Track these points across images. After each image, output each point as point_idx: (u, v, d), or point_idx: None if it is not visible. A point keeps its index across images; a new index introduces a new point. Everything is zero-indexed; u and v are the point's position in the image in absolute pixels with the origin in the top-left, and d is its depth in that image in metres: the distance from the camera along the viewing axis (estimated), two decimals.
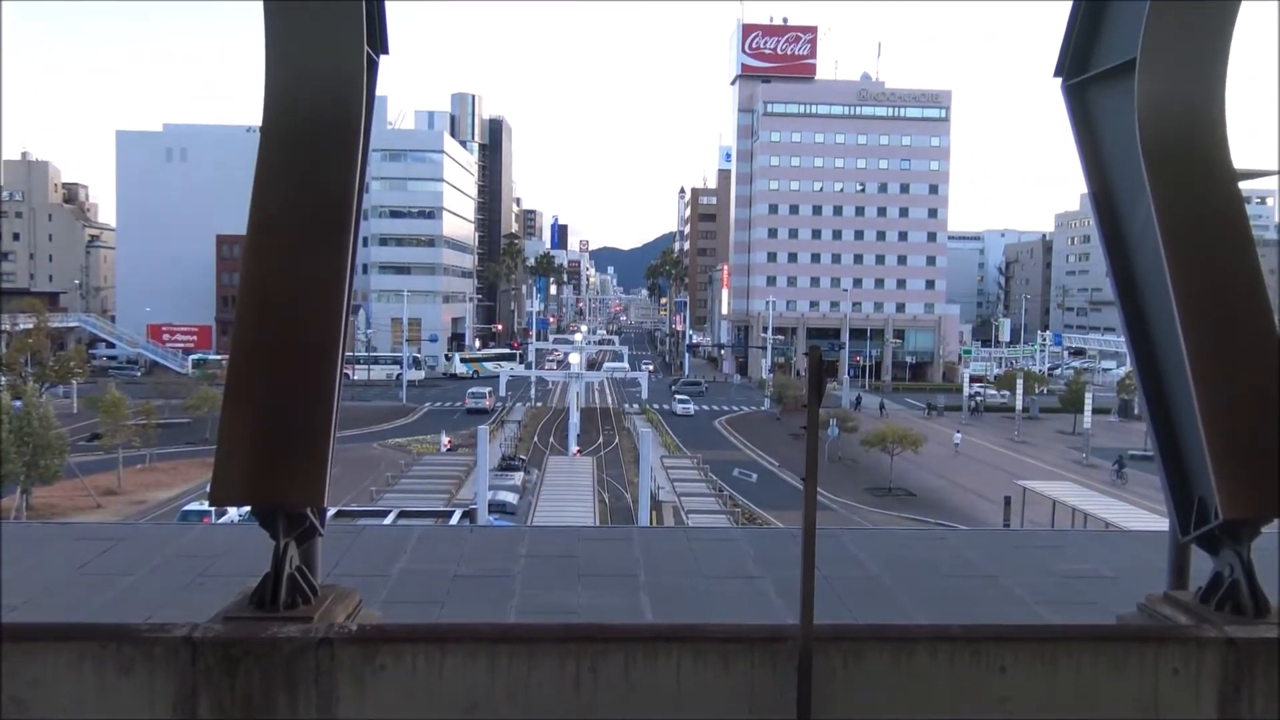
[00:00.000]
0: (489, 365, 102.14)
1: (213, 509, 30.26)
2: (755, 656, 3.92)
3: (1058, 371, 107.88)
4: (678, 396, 76.85)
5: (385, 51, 5.07)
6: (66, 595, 6.54)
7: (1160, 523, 25.86)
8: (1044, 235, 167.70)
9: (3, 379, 53.83)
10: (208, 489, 4.84)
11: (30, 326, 64.87)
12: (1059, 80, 5.69)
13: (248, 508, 4.68)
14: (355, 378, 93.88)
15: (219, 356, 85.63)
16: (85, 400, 57.03)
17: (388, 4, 5.08)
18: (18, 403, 39.41)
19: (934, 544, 8.64)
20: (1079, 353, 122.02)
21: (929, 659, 3.98)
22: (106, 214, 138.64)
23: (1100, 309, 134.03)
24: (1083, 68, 5.58)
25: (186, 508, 35.72)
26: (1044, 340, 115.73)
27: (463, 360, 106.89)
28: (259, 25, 4.66)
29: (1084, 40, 5.55)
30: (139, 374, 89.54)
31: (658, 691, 3.84)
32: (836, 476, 52.04)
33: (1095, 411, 64.92)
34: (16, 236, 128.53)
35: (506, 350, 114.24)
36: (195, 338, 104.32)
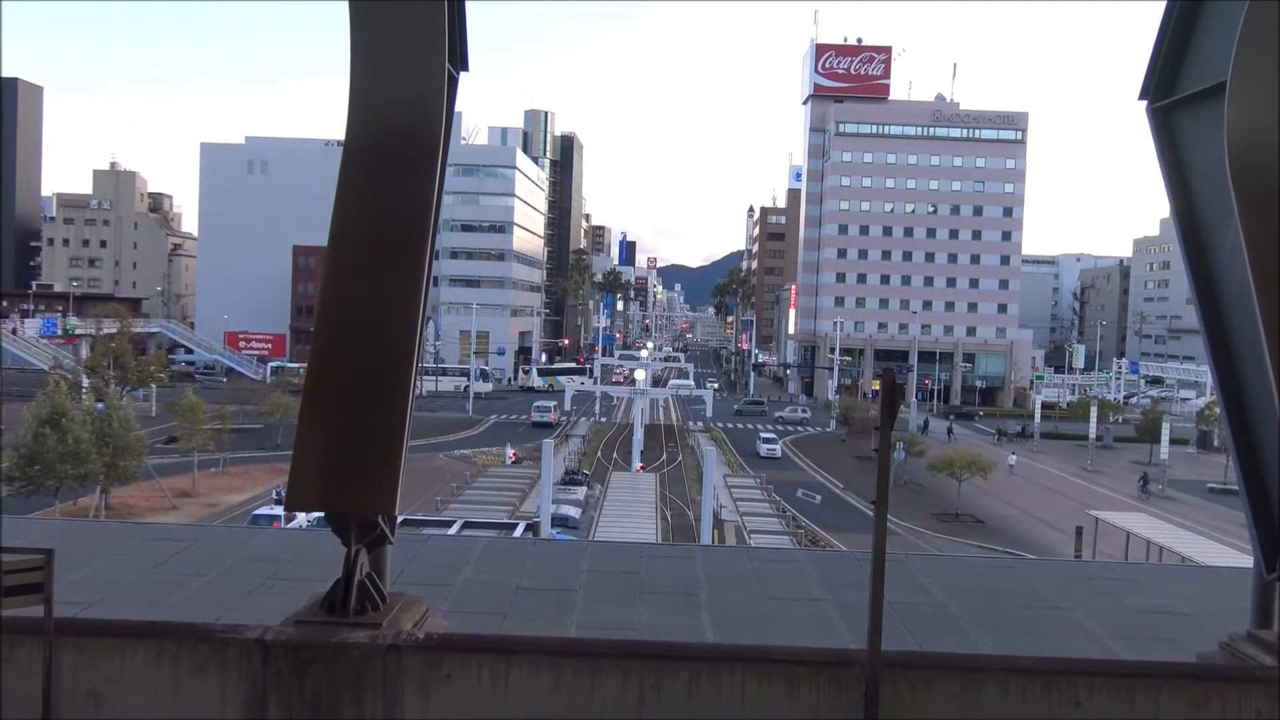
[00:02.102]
0: (561, 379, 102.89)
1: (282, 513, 30.81)
2: (821, 681, 3.88)
3: (1133, 400, 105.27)
4: (763, 435, 69.02)
5: (465, 68, 5.14)
6: (143, 593, 6.70)
7: (1243, 559, 25.03)
8: (1121, 261, 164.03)
9: (87, 381, 55.54)
10: (280, 494, 4.93)
11: (114, 331, 66.82)
12: (1144, 103, 5.58)
13: (317, 514, 4.77)
14: (423, 390, 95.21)
15: (296, 365, 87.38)
16: (164, 404, 58.56)
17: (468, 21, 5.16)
18: (100, 405, 40.62)
19: (1002, 573, 8.48)
20: (1156, 381, 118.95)
21: (999, 691, 3.90)
22: (189, 223, 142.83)
23: (1179, 337, 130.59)
24: (1169, 90, 5.46)
25: (257, 512, 36.33)
26: (1119, 368, 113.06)
27: (540, 373, 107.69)
28: (344, 40, 4.77)
29: (1171, 62, 5.43)
30: (224, 380, 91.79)
31: (721, 712, 3.82)
32: (902, 501, 51.31)
33: (1173, 442, 63.17)
34: (104, 244, 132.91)
35: (580, 365, 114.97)
36: (269, 345, 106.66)
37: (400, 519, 24.34)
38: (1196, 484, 59.63)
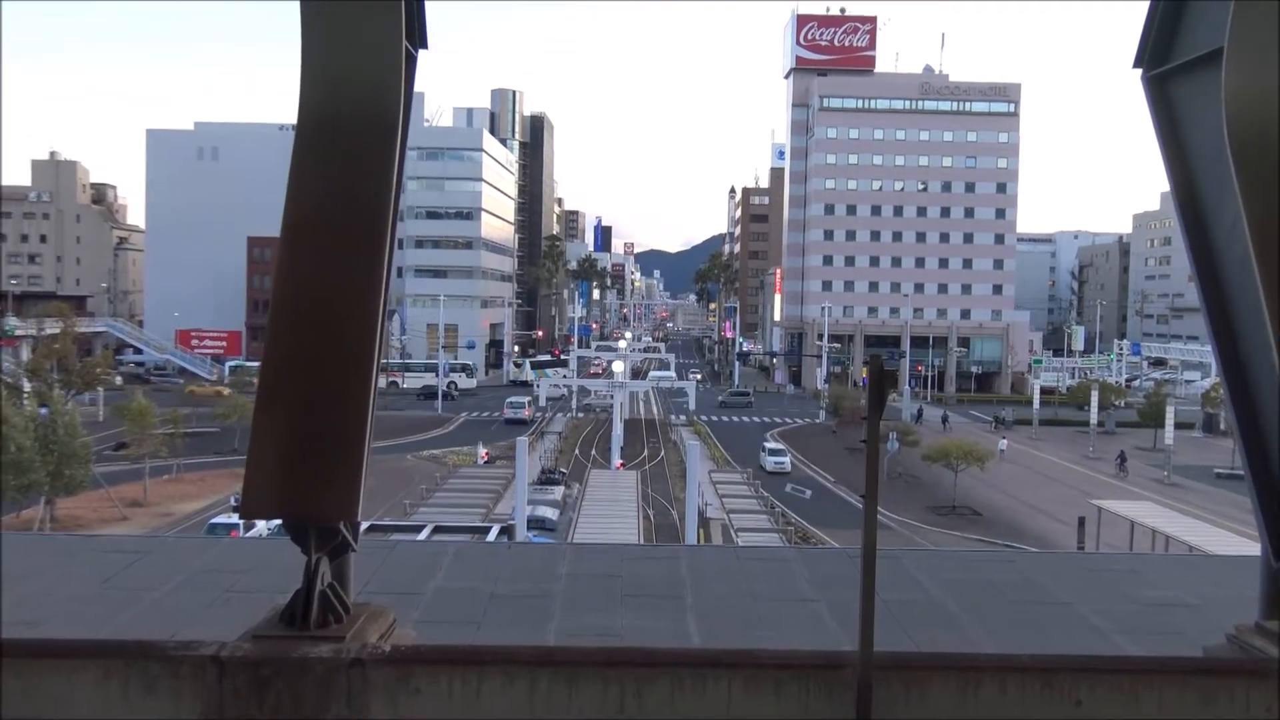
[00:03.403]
0: (550, 373, 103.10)
1: (240, 522, 30.66)
2: (811, 685, 3.89)
3: (1136, 383, 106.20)
4: (769, 445, 62.66)
5: (424, 46, 5.11)
6: (92, 610, 6.65)
7: (1251, 546, 25.32)
8: (1120, 237, 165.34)
9: (29, 385, 55.01)
10: (236, 501, 4.91)
11: (57, 331, 66.25)
12: (1139, 72, 5.60)
13: (278, 521, 4.74)
14: (404, 385, 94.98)
15: (256, 364, 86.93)
16: (113, 408, 58.12)
17: None
18: (43, 410, 40.24)
19: (1001, 567, 8.54)
20: (1159, 363, 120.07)
21: (997, 690, 3.92)
22: (136, 215, 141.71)
23: (1182, 316, 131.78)
24: (1165, 58, 5.48)
25: (214, 520, 36.16)
26: (1121, 349, 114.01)
27: (534, 367, 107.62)
28: (294, 19, 4.73)
29: (1166, 29, 5.46)
30: (180, 381, 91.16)
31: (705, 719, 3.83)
32: (896, 494, 51.61)
33: (1178, 426, 63.84)
34: (44, 238, 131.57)
35: (556, 358, 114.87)
36: (224, 343, 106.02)
37: (365, 525, 24.26)
38: (1203, 469, 60.30)
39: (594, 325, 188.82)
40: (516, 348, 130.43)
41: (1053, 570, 8.49)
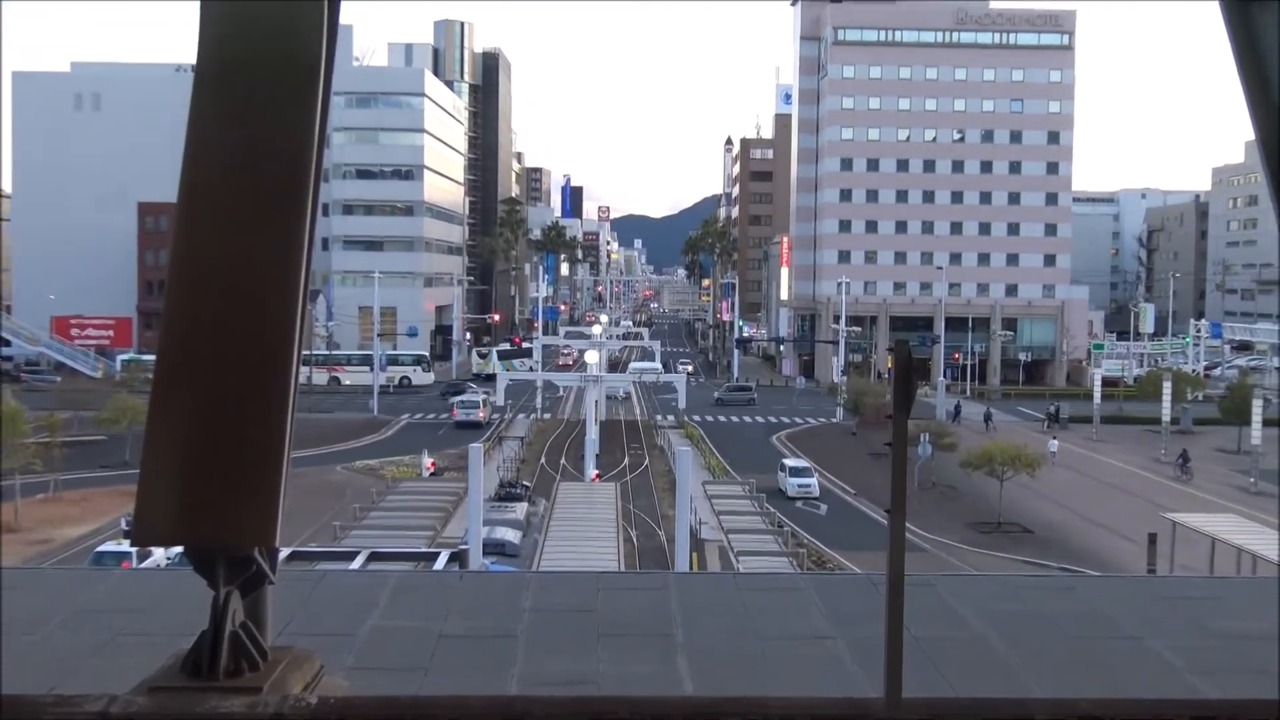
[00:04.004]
0: (518, 364, 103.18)
1: (133, 550, 30.53)
2: None
3: (1216, 372, 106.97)
4: (790, 463, 58.86)
5: None
6: None
7: None
8: (1197, 196, 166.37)
9: None
10: (128, 525, 4.90)
11: None
12: None
13: (178, 549, 4.72)
14: (349, 383, 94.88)
15: (152, 357, 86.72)
16: None
17: None
18: None
19: (1057, 595, 8.59)
20: (1244, 347, 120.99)
21: None
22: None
23: (1272, 290, 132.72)
24: None
25: (101, 549, 36.01)
26: (1198, 331, 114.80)
27: (501, 356, 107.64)
28: None
29: None
30: (57, 380, 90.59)
31: None
32: (930, 508, 51.81)
33: (1266, 423, 64.31)
34: None
35: (517, 347, 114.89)
36: (112, 333, 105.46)
37: (286, 552, 24.24)
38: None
39: (562, 307, 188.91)
40: (469, 335, 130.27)
41: (1118, 598, 8.55)
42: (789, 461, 59.89)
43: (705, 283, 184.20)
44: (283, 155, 4.84)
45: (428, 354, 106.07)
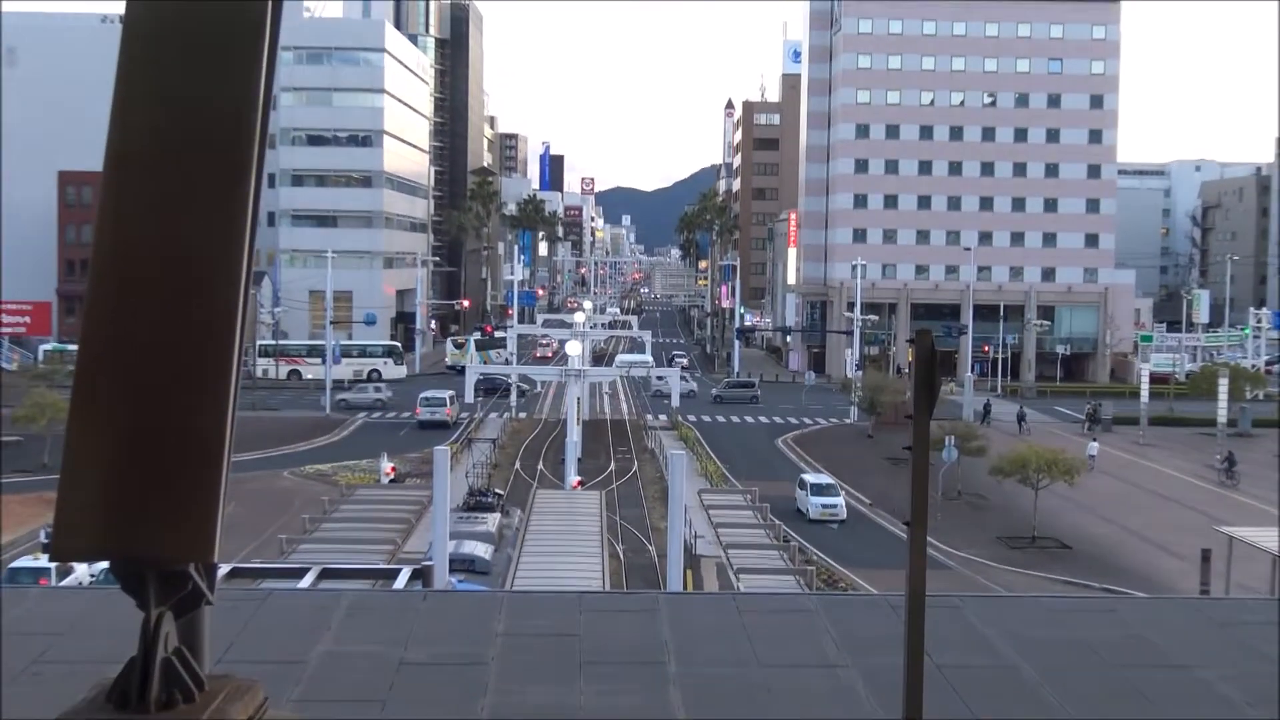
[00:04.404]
0: (495, 355, 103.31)
1: (53, 566, 30.48)
2: None
3: (1279, 368, 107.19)
4: (810, 479, 56.02)
5: None
6: None
7: None
8: (1259, 169, 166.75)
9: None
10: (47, 538, 4.89)
11: None
12: None
13: (104, 565, 4.72)
14: (309, 376, 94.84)
15: (76, 347, 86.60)
16: None
17: None
18: None
19: (1097, 619, 8.61)
20: None
21: None
22: None
23: None
24: None
25: (16, 564, 35.99)
26: (1259, 321, 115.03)
27: (478, 347, 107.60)
28: None
29: None
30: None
31: None
32: (956, 520, 51.88)
33: None
34: None
35: (489, 336, 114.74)
36: (28, 319, 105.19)
37: (226, 568, 24.26)
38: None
39: (540, 291, 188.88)
40: (435, 323, 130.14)
41: (1167, 622, 8.58)
42: (810, 477, 57.14)
43: (702, 265, 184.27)
44: (223, 119, 4.83)
45: (400, 344, 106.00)
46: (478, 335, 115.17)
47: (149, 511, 4.49)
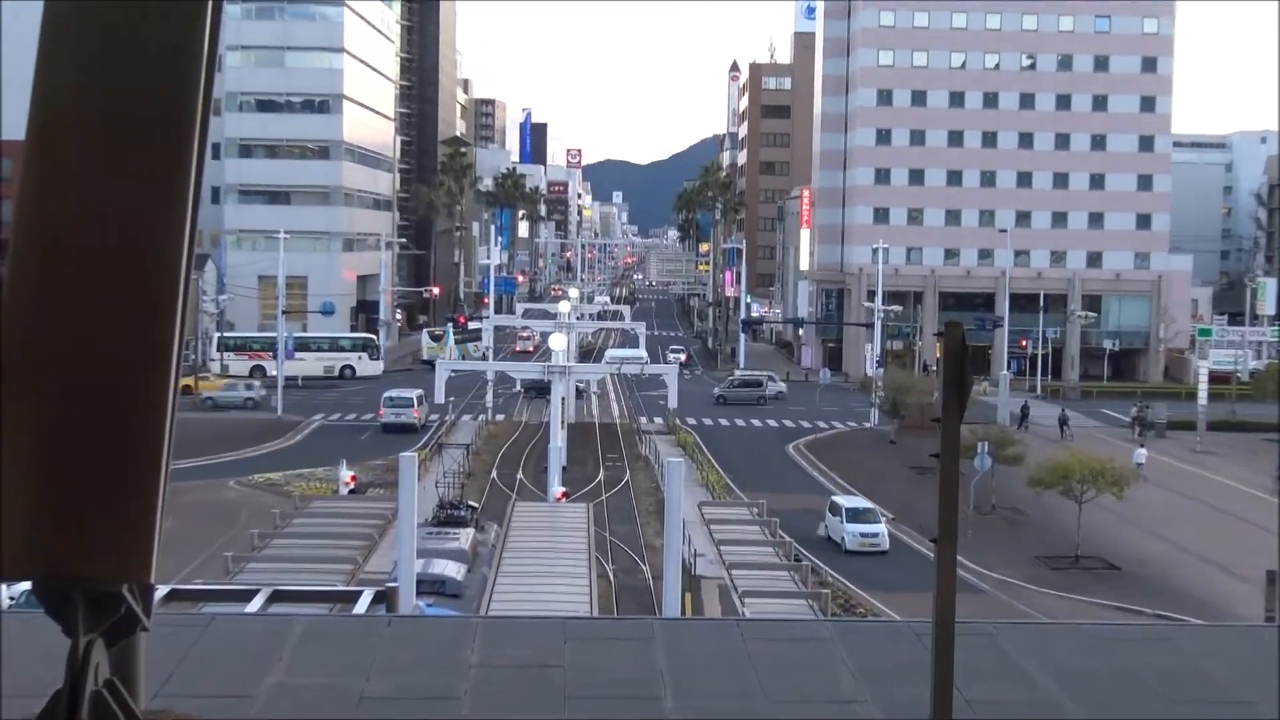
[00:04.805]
0: (473, 349, 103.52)
1: None
2: None
3: None
4: (845, 501, 53.91)
5: None
6: None
7: None
8: None
9: None
10: None
11: None
12: None
13: (24, 586, 4.72)
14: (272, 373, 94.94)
15: None
16: None
17: None
18: None
19: (1149, 648, 8.63)
20: None
21: None
22: None
23: None
24: None
25: None
26: None
27: (458, 341, 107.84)
28: None
29: None
30: None
31: None
32: (990, 537, 51.85)
33: None
34: None
35: (463, 328, 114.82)
36: None
37: (163, 590, 24.25)
38: None
39: (520, 278, 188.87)
40: (400, 313, 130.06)
41: (1228, 652, 8.59)
42: (844, 500, 54.62)
43: (704, 248, 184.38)
44: (161, 82, 4.82)
45: (376, 337, 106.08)
46: (451, 327, 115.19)
47: (77, 525, 4.49)
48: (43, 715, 4.49)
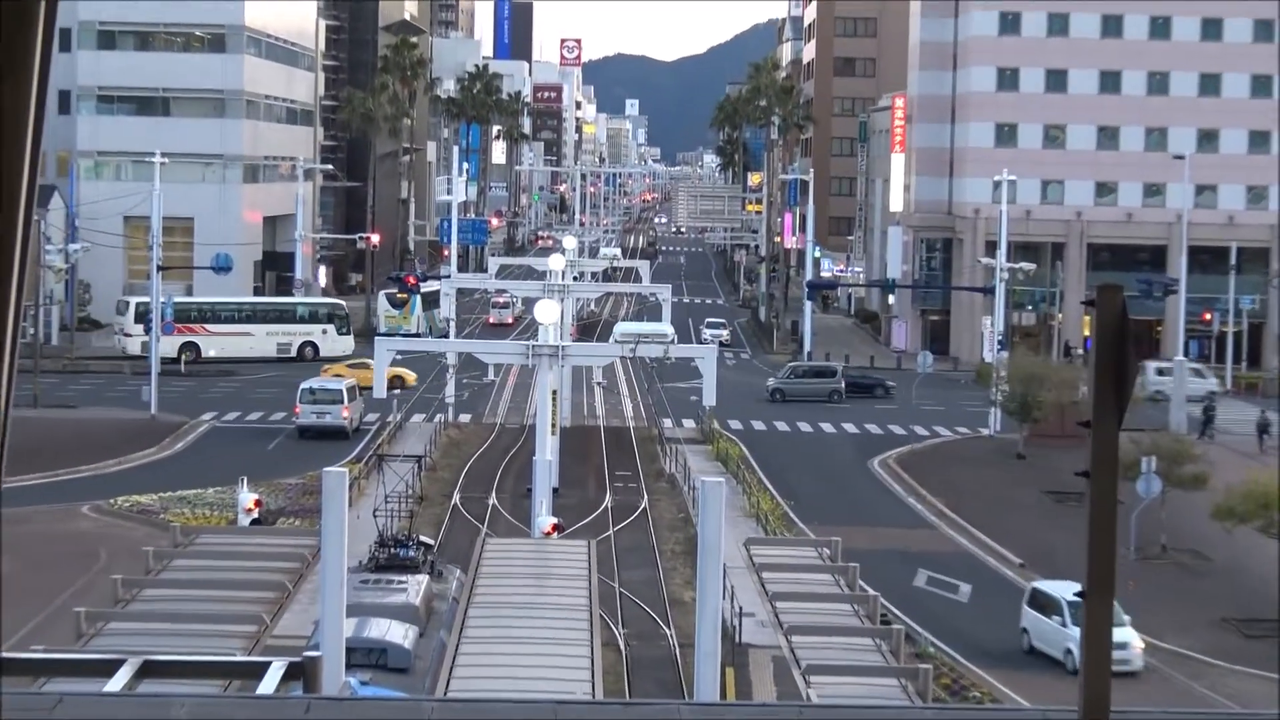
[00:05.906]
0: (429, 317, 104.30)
1: None
2: None
3: None
4: (1062, 598, 45.34)
5: None
6: None
7: None
8: None
9: None
10: None
11: None
12: None
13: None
14: (213, 354, 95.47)
15: None
16: None
17: None
18: None
19: None
20: None
21: None
22: None
23: None
24: None
25: None
26: None
27: (393, 303, 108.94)
28: None
29: None
30: None
31: None
32: (1159, 589, 51.86)
33: None
34: None
35: (410, 287, 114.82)
36: None
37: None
38: None
39: (494, 221, 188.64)
40: (326, 269, 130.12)
41: None
42: (1051, 588, 48.42)
43: (754, 180, 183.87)
44: None
45: (343, 304, 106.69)
46: (396, 290, 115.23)
47: None
48: None
